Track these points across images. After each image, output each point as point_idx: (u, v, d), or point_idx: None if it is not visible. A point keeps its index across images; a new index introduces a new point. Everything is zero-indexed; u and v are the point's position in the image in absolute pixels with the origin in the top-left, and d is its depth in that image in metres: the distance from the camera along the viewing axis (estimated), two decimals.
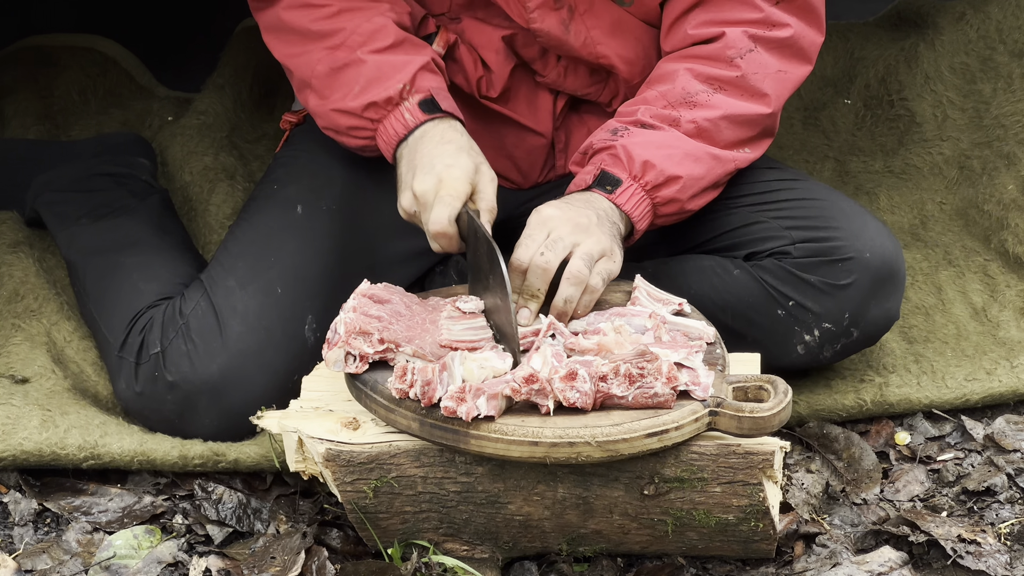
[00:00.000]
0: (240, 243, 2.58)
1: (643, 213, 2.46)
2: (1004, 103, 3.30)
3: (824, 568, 2.31)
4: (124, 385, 2.53)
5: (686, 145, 2.47)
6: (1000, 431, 2.59)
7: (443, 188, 2.37)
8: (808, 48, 2.56)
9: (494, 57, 2.61)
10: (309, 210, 2.58)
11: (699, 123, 2.48)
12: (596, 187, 2.44)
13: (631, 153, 2.44)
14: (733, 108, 2.51)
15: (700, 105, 2.49)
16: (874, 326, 2.56)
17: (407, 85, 2.46)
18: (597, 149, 2.49)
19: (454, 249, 2.40)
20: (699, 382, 2.21)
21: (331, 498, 2.43)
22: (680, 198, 2.47)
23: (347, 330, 2.25)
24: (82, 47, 3.57)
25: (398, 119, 2.47)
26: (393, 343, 2.26)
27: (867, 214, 2.58)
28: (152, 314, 2.55)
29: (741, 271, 2.55)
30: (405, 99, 2.47)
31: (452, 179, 2.38)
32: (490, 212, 2.40)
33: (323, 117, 2.53)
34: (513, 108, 2.64)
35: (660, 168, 2.44)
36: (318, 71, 2.50)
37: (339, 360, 2.26)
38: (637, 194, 2.44)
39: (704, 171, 2.48)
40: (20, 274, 2.83)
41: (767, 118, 2.54)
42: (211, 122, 3.28)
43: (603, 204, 2.42)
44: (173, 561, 2.31)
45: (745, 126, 2.53)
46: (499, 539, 2.29)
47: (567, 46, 2.57)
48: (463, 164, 2.40)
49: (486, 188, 2.41)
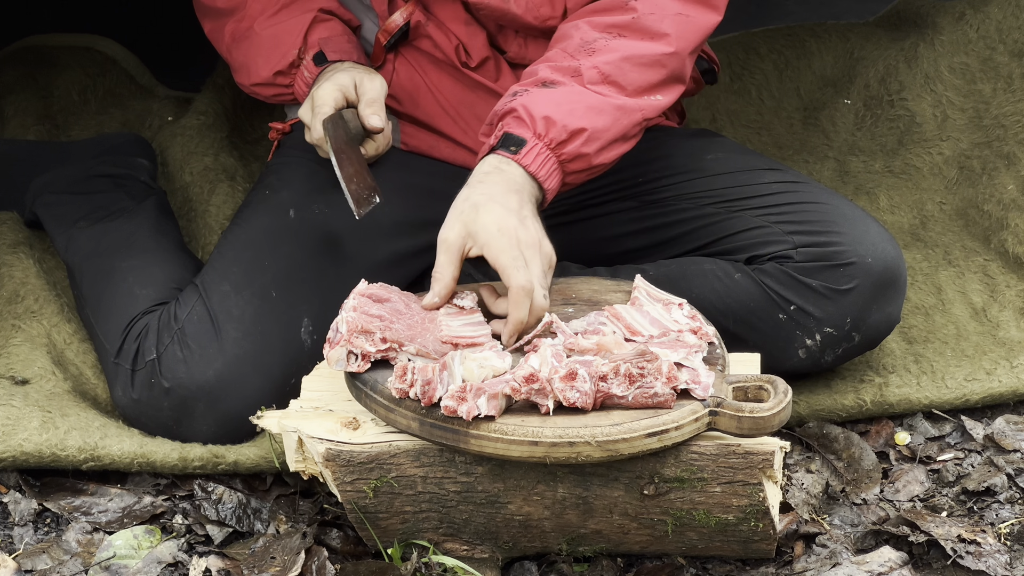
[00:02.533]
0: (234, 248, 2.58)
1: (550, 172, 2.39)
2: (1004, 103, 3.30)
3: (824, 568, 2.31)
4: (121, 392, 2.53)
5: (588, 99, 2.42)
6: (1000, 431, 2.59)
7: (315, 104, 2.55)
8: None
9: (463, 28, 2.61)
10: (302, 214, 2.59)
11: (600, 68, 2.43)
12: (500, 148, 2.39)
13: (531, 112, 2.39)
14: (632, 49, 2.45)
15: (599, 51, 2.45)
16: (875, 330, 2.56)
17: (301, 47, 2.62)
18: (501, 114, 2.44)
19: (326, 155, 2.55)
20: (699, 381, 2.21)
21: (331, 498, 2.43)
22: (586, 151, 2.40)
23: (349, 329, 2.25)
24: (82, 47, 3.57)
25: (302, 78, 2.64)
26: (396, 342, 2.26)
27: (869, 218, 2.57)
28: (147, 320, 2.55)
29: (742, 275, 2.54)
30: (303, 59, 2.63)
31: (320, 93, 2.55)
32: (371, 105, 2.55)
33: (247, 89, 2.73)
34: (500, 84, 2.64)
35: (563, 123, 2.38)
36: (228, 44, 2.69)
37: (341, 359, 2.26)
38: (543, 153, 2.38)
39: (609, 122, 2.42)
40: (20, 275, 2.83)
41: (670, 58, 2.47)
42: (211, 122, 3.28)
43: (515, 174, 2.37)
44: (173, 561, 2.31)
45: (649, 68, 2.46)
46: (499, 539, 2.29)
47: (510, 15, 2.57)
48: (335, 79, 2.56)
49: (366, 87, 2.56)
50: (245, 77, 2.70)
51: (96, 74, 3.52)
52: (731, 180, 2.62)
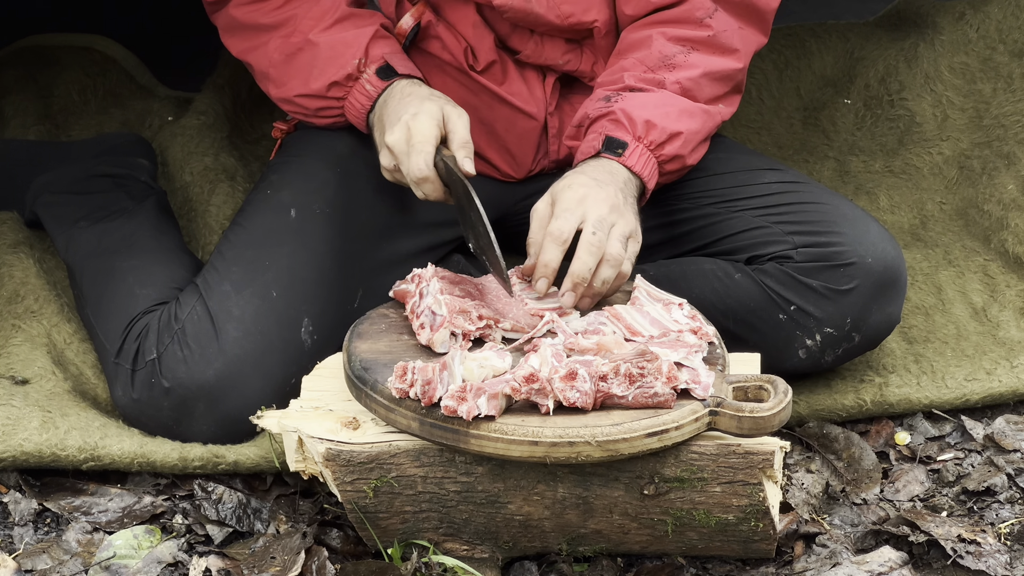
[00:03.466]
0: (235, 248, 2.58)
1: (651, 172, 2.50)
2: (1004, 103, 3.30)
3: (824, 568, 2.31)
4: (121, 392, 2.52)
5: (679, 103, 2.52)
6: (1000, 431, 2.59)
7: (413, 136, 2.44)
8: (763, 11, 2.62)
9: (471, 31, 2.62)
10: (303, 214, 2.58)
11: (683, 83, 2.54)
12: (605, 152, 2.48)
13: (631, 115, 2.49)
14: (711, 65, 2.56)
15: (679, 66, 2.55)
16: (875, 331, 2.56)
17: (362, 58, 2.54)
18: (595, 117, 2.53)
19: (439, 194, 2.46)
20: (699, 381, 2.21)
21: (331, 498, 2.43)
22: (682, 153, 2.52)
23: (449, 309, 2.27)
24: (82, 47, 3.57)
25: (361, 92, 2.55)
26: (491, 319, 2.30)
27: (869, 218, 2.58)
28: (148, 320, 2.55)
29: (743, 275, 2.55)
30: (363, 71, 2.55)
31: (419, 126, 2.44)
32: (464, 147, 2.46)
33: (288, 103, 2.62)
34: (506, 88, 2.65)
35: (662, 126, 2.49)
36: (274, 60, 2.59)
37: (446, 340, 2.29)
38: (644, 154, 2.49)
39: (699, 125, 2.54)
40: (20, 275, 2.83)
41: (739, 73, 2.60)
42: (211, 122, 3.28)
43: (619, 171, 2.47)
44: (173, 561, 2.31)
45: (721, 82, 2.58)
46: (499, 539, 2.29)
47: (533, 15, 2.58)
48: (427, 109, 2.46)
49: (456, 126, 2.47)
50: (288, 89, 2.60)
51: (96, 74, 3.52)
52: (731, 180, 2.63)
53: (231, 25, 2.64)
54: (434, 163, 2.44)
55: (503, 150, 2.70)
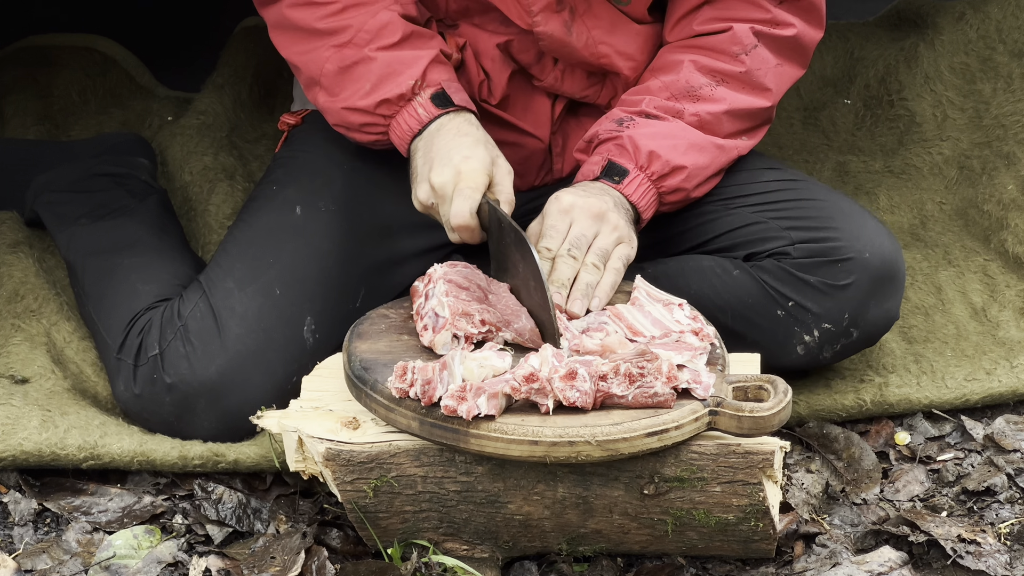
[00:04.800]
0: (239, 244, 2.58)
1: (649, 203, 2.50)
2: (1004, 103, 3.30)
3: (824, 568, 2.31)
4: (123, 387, 2.53)
5: (691, 135, 2.51)
6: (1000, 431, 2.59)
7: (462, 180, 2.38)
8: (808, 47, 2.61)
9: (491, 64, 2.61)
10: (308, 211, 2.58)
11: (702, 116, 2.53)
12: (603, 177, 2.49)
13: (637, 144, 2.48)
14: (736, 103, 2.55)
15: (703, 99, 2.54)
16: (874, 326, 2.56)
17: (418, 80, 2.47)
18: (603, 139, 2.53)
19: (476, 241, 2.42)
20: (700, 381, 2.20)
21: (331, 498, 2.43)
22: (685, 187, 2.52)
23: (452, 312, 2.27)
24: (82, 47, 3.57)
25: (411, 115, 2.48)
26: (493, 325, 2.29)
27: (867, 214, 2.58)
28: (150, 316, 2.55)
29: (740, 271, 2.55)
30: (417, 94, 2.48)
31: (471, 171, 2.39)
32: (509, 204, 2.41)
33: (334, 114, 2.54)
34: (511, 113, 2.65)
35: (666, 159, 2.48)
36: (327, 69, 2.51)
37: (447, 343, 2.28)
38: (643, 184, 2.49)
39: (708, 160, 2.53)
40: (20, 274, 2.83)
41: (767, 111, 2.59)
42: (211, 122, 3.28)
43: (613, 194, 2.46)
44: (173, 561, 2.31)
45: (746, 119, 2.58)
46: (499, 539, 2.29)
47: (569, 47, 2.57)
48: (480, 156, 2.40)
49: (503, 180, 2.42)
50: (339, 101, 2.51)
51: (96, 74, 3.52)
52: (729, 178, 2.63)
53: (282, 24, 2.56)
54: (485, 214, 2.40)
55: None
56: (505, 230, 2.37)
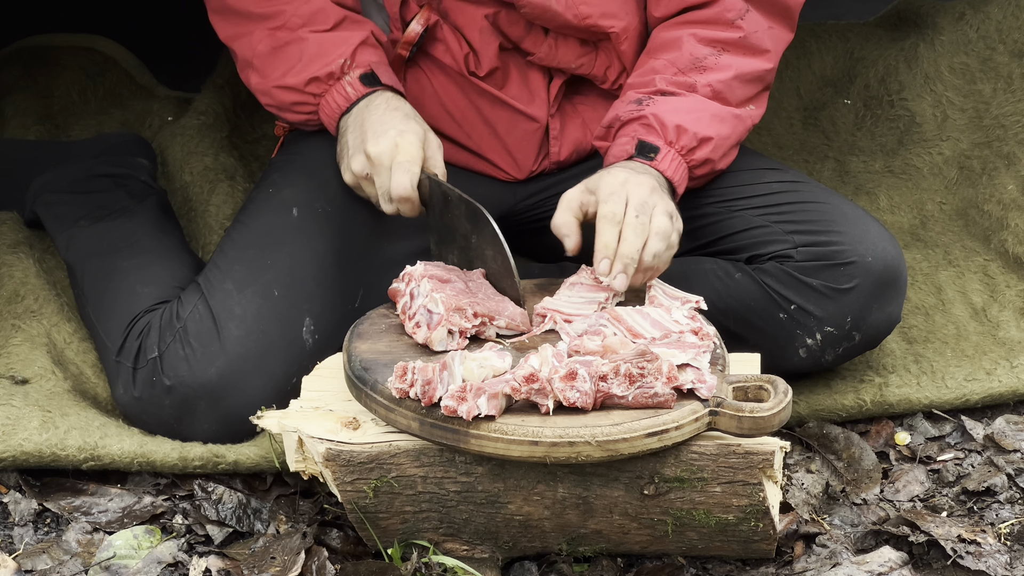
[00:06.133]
0: (237, 246, 2.58)
1: (682, 177, 2.52)
2: (1004, 103, 3.30)
3: (824, 568, 2.31)
4: (122, 390, 2.53)
5: (711, 107, 2.54)
6: (1000, 431, 2.59)
7: (400, 154, 2.44)
8: (793, 8, 2.64)
9: (478, 36, 2.62)
10: (305, 213, 2.58)
11: (714, 86, 2.56)
12: (638, 156, 2.50)
13: (663, 120, 2.50)
14: (742, 67, 2.58)
15: (710, 68, 2.57)
16: (876, 330, 2.56)
17: (348, 60, 2.55)
18: (626, 120, 2.54)
19: (414, 214, 2.47)
20: (704, 380, 2.20)
21: (331, 498, 2.43)
22: (713, 158, 2.54)
23: (446, 307, 2.28)
24: (82, 47, 3.57)
25: (340, 92, 2.55)
26: (486, 316, 2.31)
27: (869, 218, 2.58)
28: (149, 318, 2.55)
29: (743, 275, 2.55)
30: (346, 73, 2.55)
31: (408, 144, 2.45)
32: (442, 176, 2.48)
33: (266, 94, 2.61)
34: (507, 92, 2.66)
35: (693, 131, 2.51)
36: (259, 50, 2.58)
37: (443, 339, 2.29)
38: (675, 159, 2.50)
39: (730, 130, 2.56)
40: (20, 275, 2.83)
41: (769, 73, 2.62)
42: (211, 122, 3.28)
43: (651, 173, 2.48)
44: (173, 561, 2.31)
45: (752, 83, 2.60)
46: (499, 539, 2.29)
47: (551, 12, 2.58)
48: (415, 129, 2.47)
49: (435, 154, 2.49)
50: (269, 80, 2.59)
51: (96, 74, 3.52)
52: (731, 180, 2.63)
53: (221, 8, 2.63)
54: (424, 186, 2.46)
55: (504, 151, 2.70)
56: (453, 202, 2.42)
